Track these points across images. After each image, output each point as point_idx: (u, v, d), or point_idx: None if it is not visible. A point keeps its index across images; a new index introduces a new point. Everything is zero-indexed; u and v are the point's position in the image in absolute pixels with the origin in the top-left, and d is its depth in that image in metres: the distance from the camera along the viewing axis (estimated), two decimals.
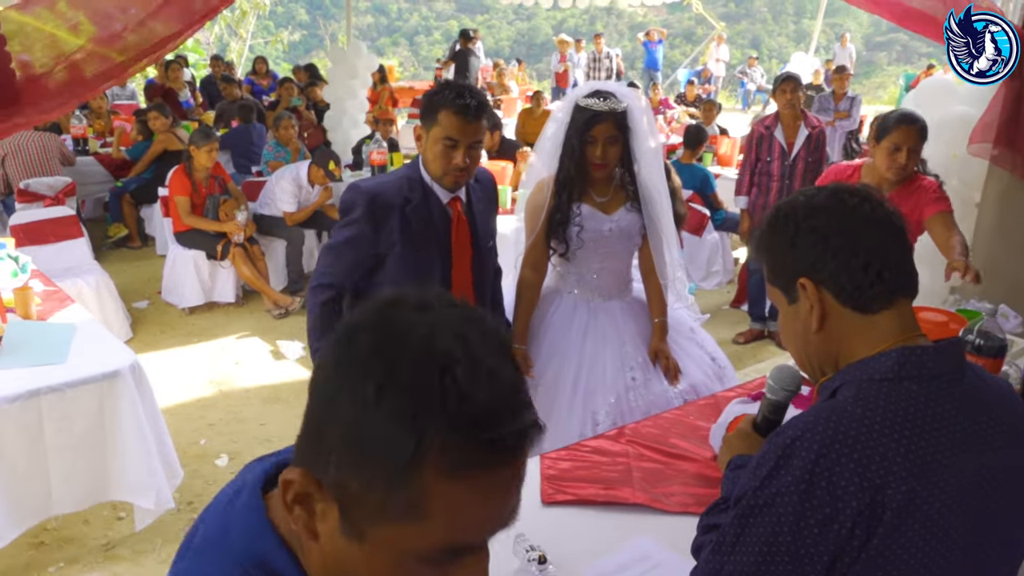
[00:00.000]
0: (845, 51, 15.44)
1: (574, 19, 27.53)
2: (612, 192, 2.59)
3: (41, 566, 2.92)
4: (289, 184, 5.65)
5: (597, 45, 13.01)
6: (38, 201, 5.68)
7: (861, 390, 1.04)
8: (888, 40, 30.35)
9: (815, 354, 1.15)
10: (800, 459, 0.98)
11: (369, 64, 8.19)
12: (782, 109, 4.81)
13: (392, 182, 2.26)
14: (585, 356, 2.56)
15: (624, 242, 2.62)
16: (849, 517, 0.95)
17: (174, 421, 4.01)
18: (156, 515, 2.94)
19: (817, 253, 1.10)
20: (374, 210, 2.19)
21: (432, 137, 2.15)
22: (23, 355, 2.84)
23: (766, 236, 1.17)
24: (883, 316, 1.09)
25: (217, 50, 17.37)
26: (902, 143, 2.89)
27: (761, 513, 1.00)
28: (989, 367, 2.00)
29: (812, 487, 0.97)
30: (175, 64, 9.57)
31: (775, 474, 1.00)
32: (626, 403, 2.51)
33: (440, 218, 2.27)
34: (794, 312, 1.15)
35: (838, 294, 1.10)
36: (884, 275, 1.07)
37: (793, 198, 1.16)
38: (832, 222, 1.10)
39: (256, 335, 5.16)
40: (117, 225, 6.87)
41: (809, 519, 0.96)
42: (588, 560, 1.60)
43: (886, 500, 0.95)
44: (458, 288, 2.34)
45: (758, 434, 1.42)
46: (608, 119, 2.41)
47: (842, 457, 0.97)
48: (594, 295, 2.67)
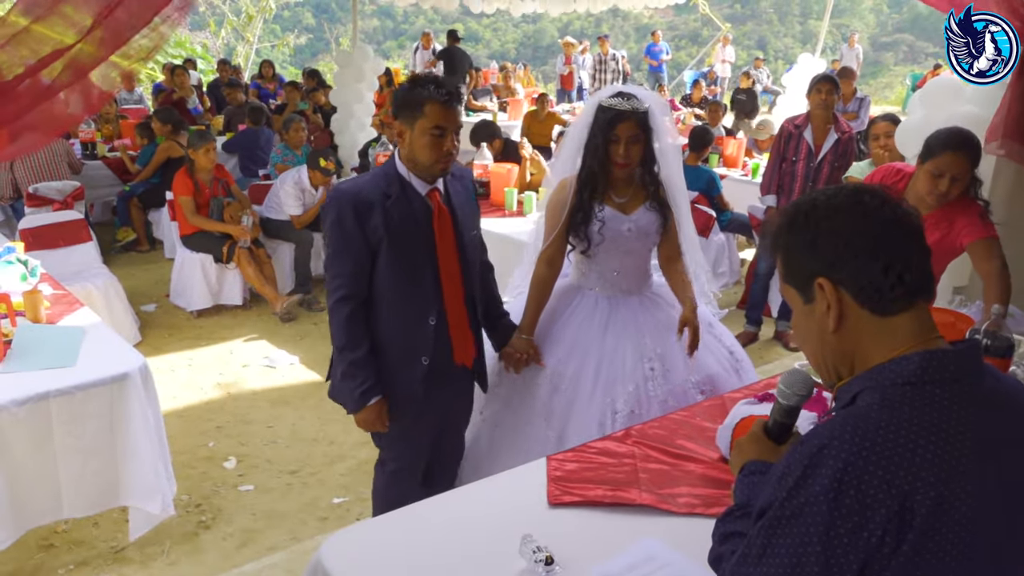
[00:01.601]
0: (852, 52, 15.40)
1: (580, 21, 27.53)
2: (631, 193, 2.64)
3: (50, 568, 2.94)
4: (292, 187, 5.67)
5: (603, 47, 13.01)
6: (47, 205, 5.72)
7: (885, 395, 1.04)
8: (894, 40, 30.27)
9: (830, 355, 1.15)
10: (828, 468, 0.98)
11: (375, 67, 8.20)
12: (814, 109, 4.66)
13: (370, 181, 2.31)
14: (606, 350, 2.61)
15: (643, 240, 2.67)
16: (879, 525, 0.95)
17: (182, 424, 4.04)
18: (156, 522, 2.94)
19: (837, 253, 1.09)
20: (356, 209, 2.23)
21: (419, 129, 2.21)
22: (32, 358, 2.86)
23: (783, 235, 1.16)
24: (902, 318, 1.09)
25: (224, 55, 17.44)
26: (946, 170, 2.65)
27: (789, 524, 0.99)
28: (997, 367, 2.00)
29: (841, 496, 0.96)
30: (180, 69, 9.60)
31: (802, 484, 0.99)
32: (644, 393, 2.55)
33: (421, 210, 2.31)
34: (809, 312, 1.15)
35: (857, 295, 1.09)
36: (905, 277, 1.07)
37: (812, 197, 1.15)
38: (853, 223, 1.09)
39: (263, 338, 5.18)
40: (125, 229, 6.90)
41: (839, 528, 0.96)
42: (594, 561, 1.61)
43: (915, 506, 0.95)
44: (448, 279, 2.36)
45: (769, 438, 1.41)
46: (631, 118, 2.48)
47: (870, 465, 0.96)
48: (615, 291, 2.72)
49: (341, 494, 3.45)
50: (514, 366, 2.63)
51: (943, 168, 2.66)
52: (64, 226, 4.99)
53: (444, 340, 2.39)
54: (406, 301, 2.33)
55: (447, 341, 2.40)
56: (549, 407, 2.59)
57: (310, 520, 3.28)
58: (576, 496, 1.84)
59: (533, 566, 1.56)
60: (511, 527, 1.66)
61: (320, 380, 4.60)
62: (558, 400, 2.58)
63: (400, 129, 2.26)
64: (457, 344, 2.42)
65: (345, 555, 1.64)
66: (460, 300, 2.41)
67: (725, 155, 7.42)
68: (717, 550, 1.25)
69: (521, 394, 2.66)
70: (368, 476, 3.56)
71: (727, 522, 1.26)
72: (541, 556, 1.56)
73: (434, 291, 2.35)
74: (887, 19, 32.69)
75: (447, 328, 2.39)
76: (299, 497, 3.44)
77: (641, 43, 24.74)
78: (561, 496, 1.84)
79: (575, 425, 2.52)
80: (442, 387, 2.42)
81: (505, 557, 1.60)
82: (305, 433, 3.99)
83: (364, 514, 3.26)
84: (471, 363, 2.50)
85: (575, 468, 1.96)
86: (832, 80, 4.74)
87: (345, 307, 2.28)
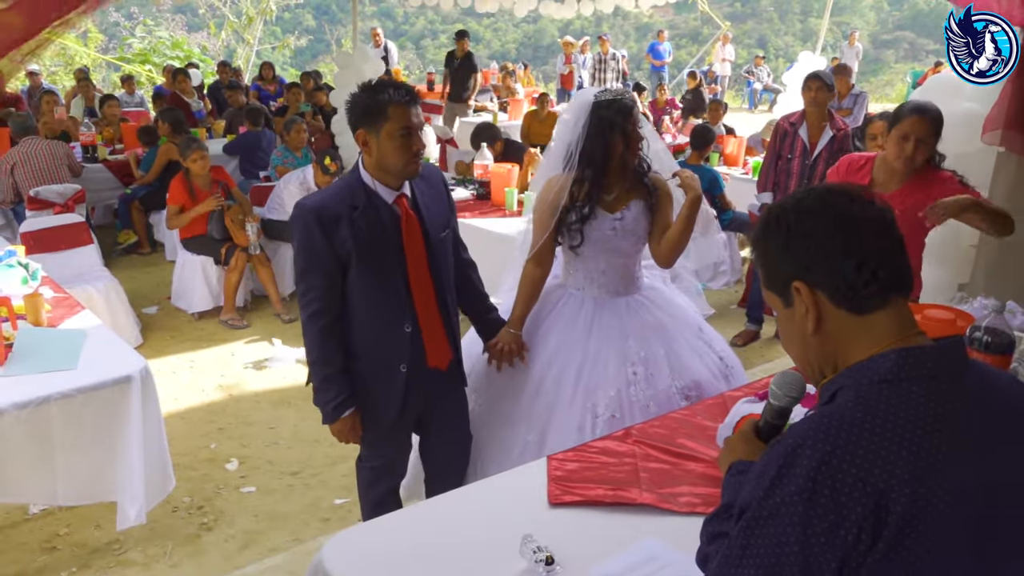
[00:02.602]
0: (852, 50, 15.40)
1: (580, 21, 27.51)
2: (619, 190, 2.62)
3: (53, 571, 2.94)
4: (296, 188, 5.67)
5: (603, 47, 13.00)
6: (48, 208, 5.73)
7: (860, 393, 1.04)
8: (895, 38, 30.23)
9: (814, 356, 1.15)
10: (802, 467, 0.98)
11: (375, 68, 8.20)
12: (808, 107, 4.70)
13: (334, 193, 2.30)
14: (589, 353, 2.59)
15: (630, 239, 2.63)
16: (854, 523, 0.95)
17: (184, 425, 4.05)
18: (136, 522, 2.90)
19: (810, 256, 1.10)
20: (322, 222, 2.21)
21: (385, 134, 2.20)
22: (34, 362, 2.86)
23: (760, 241, 1.17)
24: (878, 316, 1.09)
25: (224, 56, 17.45)
26: (911, 132, 2.87)
27: (767, 524, 1.00)
28: (997, 364, 1.99)
29: (816, 495, 0.96)
30: (182, 75, 9.61)
31: (778, 483, 1.00)
32: (626, 397, 2.52)
33: (389, 218, 2.29)
34: (790, 315, 1.15)
35: (833, 296, 1.09)
36: (879, 274, 1.07)
37: (782, 202, 1.16)
38: (823, 225, 1.09)
39: (264, 339, 5.18)
40: (126, 231, 6.92)
41: (815, 527, 0.96)
42: (595, 561, 1.60)
43: (890, 504, 0.95)
44: (418, 286, 2.35)
45: (760, 439, 1.41)
46: (634, 108, 2.53)
47: (843, 463, 0.97)
48: (601, 292, 2.69)
49: (343, 495, 3.45)
50: (498, 359, 2.62)
51: (907, 131, 2.88)
52: (65, 229, 4.99)
53: (419, 347, 2.39)
54: (380, 310, 2.33)
55: (422, 348, 2.39)
56: (531, 411, 2.57)
57: (312, 521, 3.28)
58: (577, 496, 1.84)
59: (534, 566, 1.55)
60: (511, 527, 1.66)
61: None
62: (539, 403, 2.56)
63: (364, 138, 2.24)
64: (430, 350, 2.41)
65: (346, 556, 1.64)
66: (432, 305, 2.39)
67: (725, 154, 7.41)
68: (704, 550, 1.25)
69: (504, 397, 2.65)
70: None
71: (714, 522, 1.26)
72: (542, 556, 1.55)
73: (408, 299, 2.34)
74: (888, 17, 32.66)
75: (421, 335, 2.39)
76: (301, 498, 3.45)
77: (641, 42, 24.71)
78: (562, 496, 1.83)
79: (555, 429, 2.50)
80: (418, 393, 2.42)
81: (506, 557, 1.60)
82: (307, 434, 3.99)
83: None
84: (445, 366, 2.48)
85: (576, 468, 1.95)
86: (821, 77, 4.78)
87: (317, 322, 2.28)
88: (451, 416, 2.60)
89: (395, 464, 2.59)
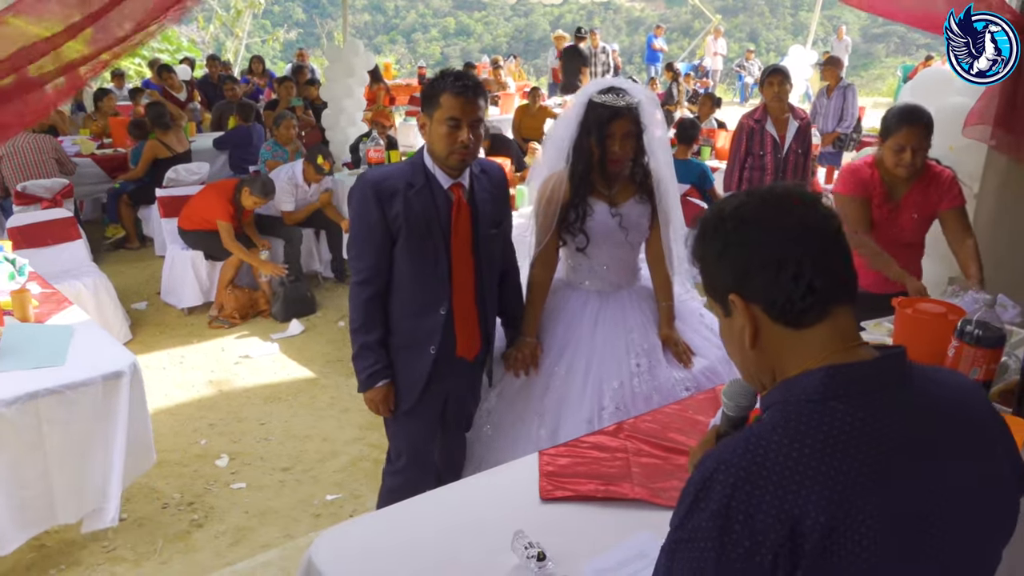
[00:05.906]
0: (842, 44, 15.41)
1: (571, 15, 27.46)
2: (620, 185, 2.63)
3: (42, 569, 2.92)
4: (286, 183, 5.65)
5: (593, 40, 12.97)
6: (35, 203, 5.68)
7: (786, 413, 0.99)
8: (886, 32, 30.27)
9: (753, 368, 1.11)
10: (716, 492, 0.94)
11: (366, 62, 8.16)
12: (770, 102, 4.77)
13: (396, 170, 2.37)
14: (596, 346, 2.61)
15: (631, 233, 2.66)
16: (769, 550, 0.91)
17: (174, 422, 4.02)
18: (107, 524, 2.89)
19: (745, 268, 1.04)
20: (379, 195, 2.28)
21: (436, 120, 2.25)
22: (21, 358, 2.83)
23: (697, 247, 1.11)
24: (816, 329, 1.03)
25: (213, 50, 17.34)
26: (906, 143, 2.86)
27: (686, 548, 0.96)
28: (988, 358, 2.00)
29: (729, 521, 0.92)
30: (167, 72, 9.56)
31: (695, 508, 0.96)
32: (630, 389, 2.55)
33: (442, 202, 2.34)
34: (729, 326, 1.10)
35: (769, 310, 1.04)
36: (815, 284, 1.00)
37: (720, 206, 1.09)
38: (759, 234, 1.03)
39: (255, 335, 5.16)
40: (115, 226, 6.87)
41: (730, 554, 0.92)
42: (587, 556, 1.60)
43: (805, 531, 0.90)
44: (459, 272, 2.39)
45: None
46: (626, 115, 2.48)
47: (757, 489, 0.92)
48: (605, 285, 2.72)
49: (334, 491, 3.44)
50: (514, 368, 2.64)
51: (903, 142, 2.88)
52: (53, 224, 4.95)
53: (451, 332, 2.42)
54: (420, 288, 2.37)
55: (453, 333, 2.42)
56: (542, 405, 2.59)
57: (303, 517, 3.27)
58: (568, 491, 1.83)
59: (525, 562, 1.55)
60: (503, 523, 1.65)
61: (313, 377, 4.59)
62: (550, 398, 2.58)
63: (423, 121, 2.31)
64: (461, 338, 2.44)
65: (335, 552, 1.63)
66: (470, 293, 2.43)
67: (717, 148, 7.41)
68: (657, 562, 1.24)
69: (517, 392, 2.66)
70: (361, 473, 3.57)
71: None
72: (533, 552, 1.55)
73: (447, 283, 2.38)
74: None
75: (454, 320, 2.41)
76: (292, 494, 3.43)
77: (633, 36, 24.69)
78: (553, 491, 1.83)
79: (567, 423, 2.52)
80: (443, 379, 2.45)
81: (497, 553, 1.59)
82: (298, 430, 3.98)
83: (357, 511, 3.25)
84: (472, 357, 2.50)
85: (567, 463, 1.95)
86: (782, 71, 4.85)
87: (365, 290, 2.35)
88: (462, 411, 2.63)
89: (422, 457, 2.57)
